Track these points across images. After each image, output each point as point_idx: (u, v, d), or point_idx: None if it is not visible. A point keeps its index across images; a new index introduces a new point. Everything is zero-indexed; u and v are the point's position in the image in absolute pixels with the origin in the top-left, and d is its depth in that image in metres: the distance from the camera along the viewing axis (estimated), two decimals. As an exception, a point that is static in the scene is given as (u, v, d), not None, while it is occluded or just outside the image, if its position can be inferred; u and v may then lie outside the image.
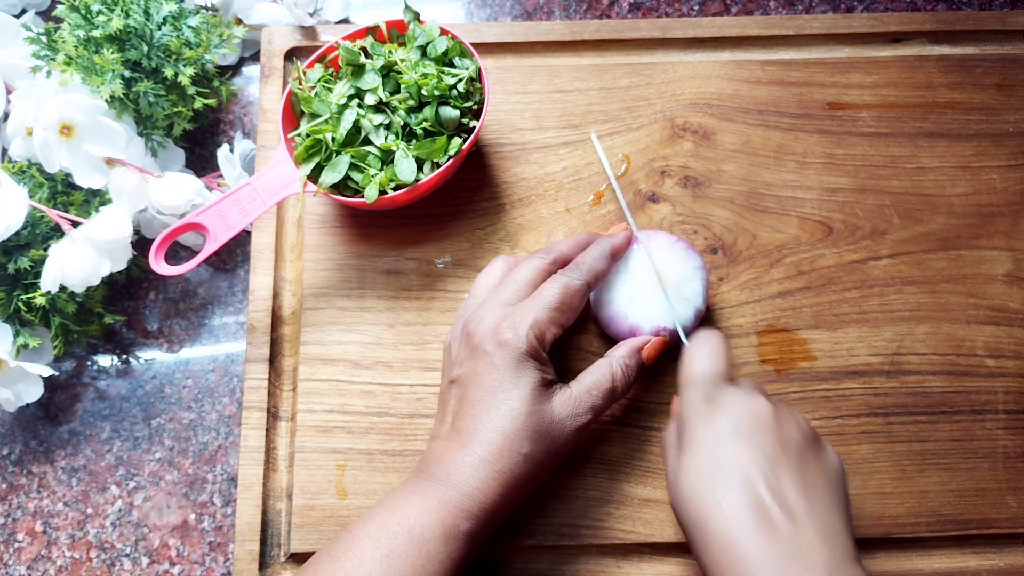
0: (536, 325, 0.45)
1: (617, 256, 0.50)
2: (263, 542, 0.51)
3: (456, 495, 0.42)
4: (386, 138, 0.51)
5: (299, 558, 0.51)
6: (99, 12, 0.55)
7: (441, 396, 0.48)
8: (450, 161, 0.52)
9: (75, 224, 0.53)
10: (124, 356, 0.59)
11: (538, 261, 0.48)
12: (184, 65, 0.57)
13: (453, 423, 0.45)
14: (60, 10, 0.56)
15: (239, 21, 0.64)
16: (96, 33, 0.54)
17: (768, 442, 0.40)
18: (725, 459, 0.40)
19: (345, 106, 0.52)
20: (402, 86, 0.52)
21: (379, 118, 0.51)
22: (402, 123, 0.51)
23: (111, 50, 0.54)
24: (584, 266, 0.48)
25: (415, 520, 0.41)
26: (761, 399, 0.42)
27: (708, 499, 0.39)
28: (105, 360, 0.59)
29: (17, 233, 0.53)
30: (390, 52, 0.53)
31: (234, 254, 0.61)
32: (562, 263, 0.49)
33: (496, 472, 0.42)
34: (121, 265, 0.54)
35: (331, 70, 0.55)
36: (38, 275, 0.53)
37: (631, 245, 0.51)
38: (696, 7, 0.67)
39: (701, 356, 0.45)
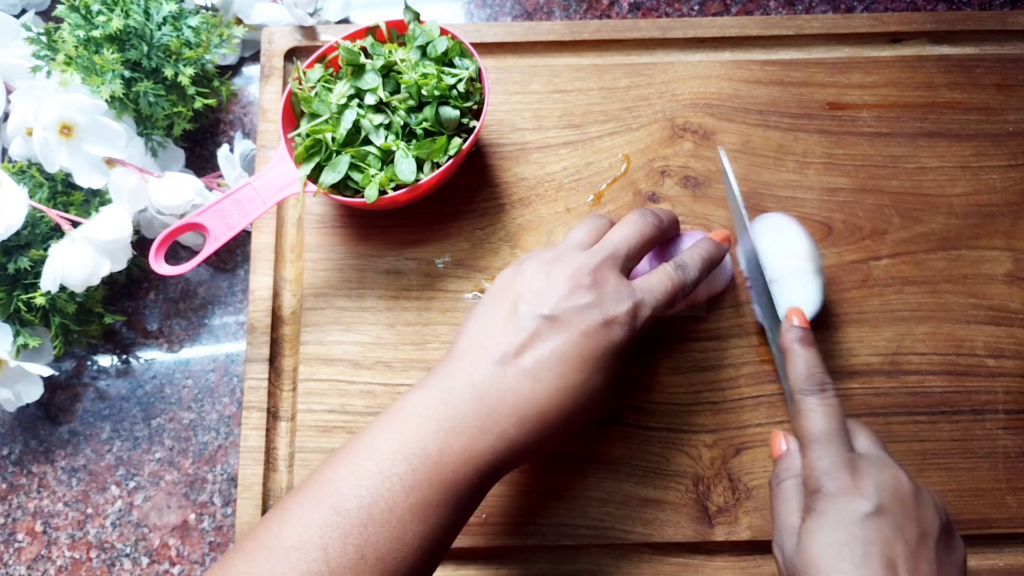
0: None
1: (718, 262, 0.50)
2: (263, 542, 0.51)
3: (504, 447, 0.40)
4: (386, 138, 0.51)
5: (299, 558, 0.51)
6: (99, 12, 0.55)
7: (512, 314, 0.43)
8: (450, 161, 0.52)
9: (75, 224, 0.53)
10: (124, 356, 0.59)
11: (651, 229, 0.47)
12: (184, 65, 0.57)
13: (529, 362, 0.42)
14: (60, 10, 0.56)
15: (239, 21, 0.64)
16: (96, 33, 0.54)
17: (910, 528, 0.39)
18: (867, 541, 0.38)
19: (345, 106, 0.52)
20: (402, 86, 0.52)
21: (379, 118, 0.51)
22: (402, 123, 0.51)
23: (111, 50, 0.54)
24: (696, 269, 0.48)
25: (456, 468, 0.39)
26: (904, 475, 0.41)
27: None
28: (105, 360, 0.59)
29: (17, 233, 0.53)
30: (390, 52, 0.53)
31: (234, 254, 0.61)
32: (662, 230, 0.49)
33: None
34: (121, 265, 0.55)
35: (331, 70, 0.55)
36: (38, 275, 0.53)
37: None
38: (696, 7, 0.67)
39: (824, 412, 0.43)
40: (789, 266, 0.51)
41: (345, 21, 0.66)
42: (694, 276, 0.47)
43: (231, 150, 0.59)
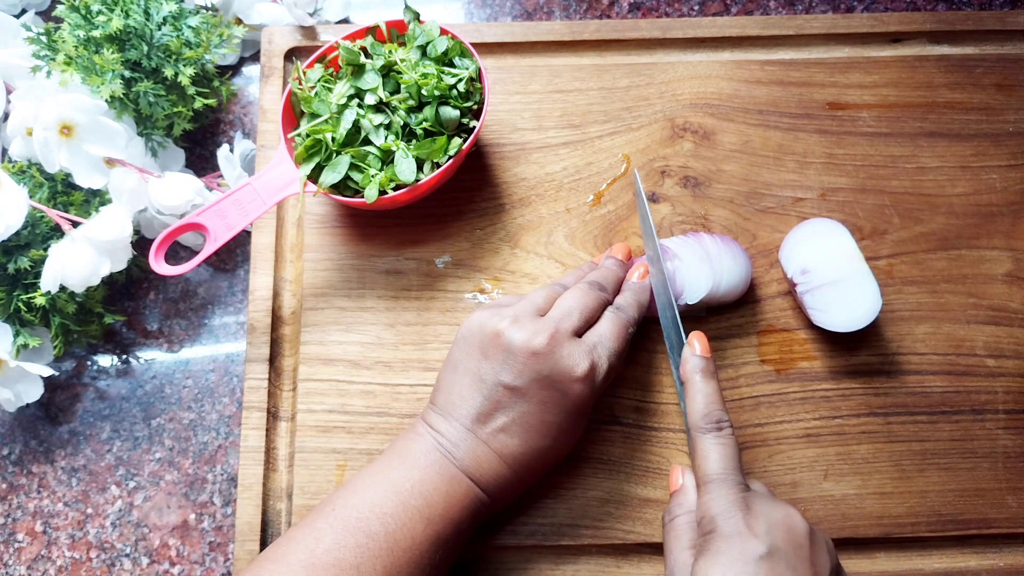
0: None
1: (646, 302, 0.51)
2: (263, 542, 0.51)
3: (490, 500, 0.46)
4: (386, 138, 0.51)
5: (299, 558, 0.51)
6: (99, 12, 0.55)
7: (478, 380, 0.46)
8: (450, 161, 0.52)
9: (75, 224, 0.53)
10: (124, 356, 0.59)
11: (594, 297, 0.48)
12: (184, 65, 0.57)
13: (497, 430, 0.45)
14: (60, 10, 0.56)
15: (239, 21, 0.64)
16: (96, 33, 0.54)
17: (802, 570, 0.39)
18: None
19: (345, 106, 0.52)
20: (402, 86, 0.52)
21: (379, 118, 0.51)
22: (402, 123, 0.51)
23: (111, 50, 0.54)
24: (633, 309, 0.49)
25: (459, 510, 0.44)
26: (797, 515, 0.41)
27: None
28: (105, 360, 0.59)
29: (17, 233, 0.53)
30: (390, 52, 0.53)
31: (234, 254, 0.61)
32: (606, 300, 0.49)
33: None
34: (121, 265, 0.55)
35: (331, 70, 0.55)
36: (38, 275, 0.53)
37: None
38: (696, 7, 0.67)
39: (719, 452, 0.43)
40: (845, 269, 0.51)
41: (345, 21, 0.66)
42: (634, 315, 0.49)
43: (231, 150, 0.59)
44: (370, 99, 0.52)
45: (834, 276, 0.51)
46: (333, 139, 0.51)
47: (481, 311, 0.48)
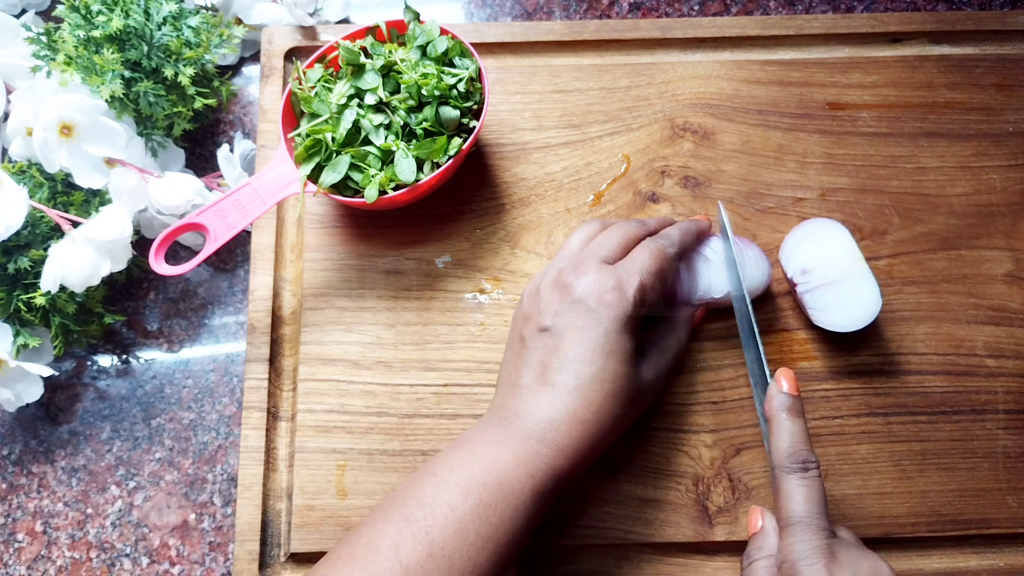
0: (641, 288, 0.45)
1: (703, 238, 0.51)
2: (263, 542, 0.51)
3: (549, 452, 0.42)
4: (386, 138, 0.51)
5: (299, 558, 0.51)
6: (99, 12, 0.55)
7: (521, 343, 0.46)
8: (450, 161, 0.52)
9: (75, 224, 0.53)
10: (124, 356, 0.59)
11: (633, 227, 0.49)
12: (184, 65, 0.57)
13: (543, 374, 0.44)
14: (60, 10, 0.56)
15: (239, 21, 0.64)
16: (96, 33, 0.54)
17: None
18: None
19: (345, 106, 0.52)
20: (402, 86, 0.52)
21: (379, 118, 0.51)
22: (402, 123, 0.51)
23: (111, 50, 0.54)
24: (675, 236, 0.49)
25: (508, 472, 0.41)
26: (885, 567, 0.39)
27: None
28: (105, 360, 0.59)
29: (17, 233, 0.53)
30: (390, 52, 0.53)
31: (234, 254, 0.61)
32: (650, 234, 0.50)
33: (591, 433, 0.43)
34: (121, 265, 0.55)
35: (331, 70, 0.55)
36: (38, 275, 0.53)
37: (710, 232, 0.53)
38: (696, 7, 0.67)
39: (804, 494, 0.41)
40: (845, 269, 0.51)
41: (345, 21, 0.66)
42: (675, 238, 0.49)
43: (231, 150, 0.59)
44: (370, 99, 0.52)
45: (834, 276, 0.51)
46: (333, 139, 0.51)
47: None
